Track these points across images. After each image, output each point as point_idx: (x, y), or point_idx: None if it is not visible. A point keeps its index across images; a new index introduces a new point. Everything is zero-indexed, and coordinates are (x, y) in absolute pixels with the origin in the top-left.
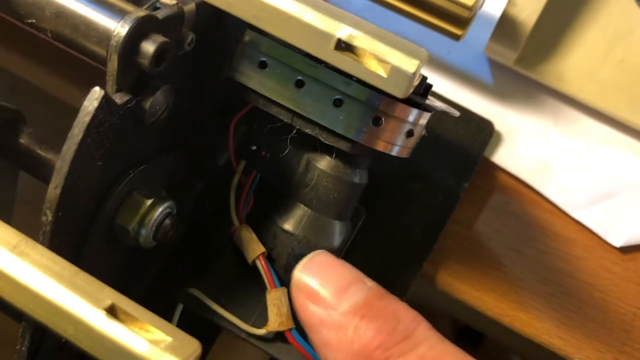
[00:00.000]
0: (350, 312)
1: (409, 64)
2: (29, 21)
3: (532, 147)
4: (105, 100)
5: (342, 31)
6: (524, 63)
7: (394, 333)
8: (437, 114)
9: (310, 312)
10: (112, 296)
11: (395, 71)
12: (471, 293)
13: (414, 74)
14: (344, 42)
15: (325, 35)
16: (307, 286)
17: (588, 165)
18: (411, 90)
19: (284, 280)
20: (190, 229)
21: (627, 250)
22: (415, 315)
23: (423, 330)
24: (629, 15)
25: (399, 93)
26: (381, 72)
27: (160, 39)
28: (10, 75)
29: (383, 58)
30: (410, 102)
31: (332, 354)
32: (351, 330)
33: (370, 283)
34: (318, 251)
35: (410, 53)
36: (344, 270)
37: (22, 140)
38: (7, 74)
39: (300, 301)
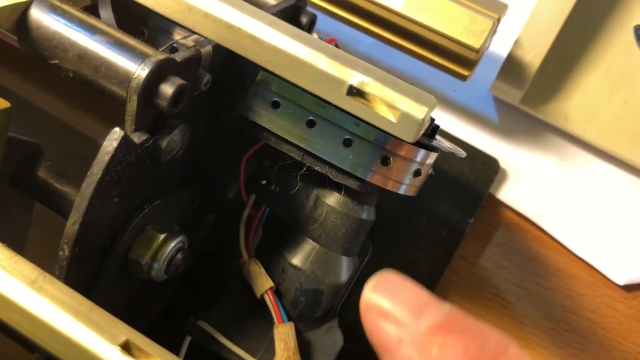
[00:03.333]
0: (432, 329)
1: (418, 110)
2: (53, 62)
3: (537, 184)
4: (124, 140)
5: (354, 78)
6: (530, 102)
7: (484, 350)
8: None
9: (385, 331)
10: (126, 332)
11: (404, 117)
12: None
13: (423, 119)
14: (356, 88)
15: (337, 81)
16: (379, 306)
17: (592, 203)
18: (420, 135)
19: (292, 315)
20: (199, 260)
21: (630, 288)
22: (502, 334)
23: (515, 349)
24: (633, 58)
25: (408, 137)
26: (391, 117)
27: (178, 81)
28: (28, 106)
29: (393, 104)
30: (418, 142)
31: None
32: (436, 348)
33: (447, 304)
34: (387, 270)
35: (420, 100)
36: (418, 290)
37: (40, 174)
38: (25, 105)
39: (371, 321)
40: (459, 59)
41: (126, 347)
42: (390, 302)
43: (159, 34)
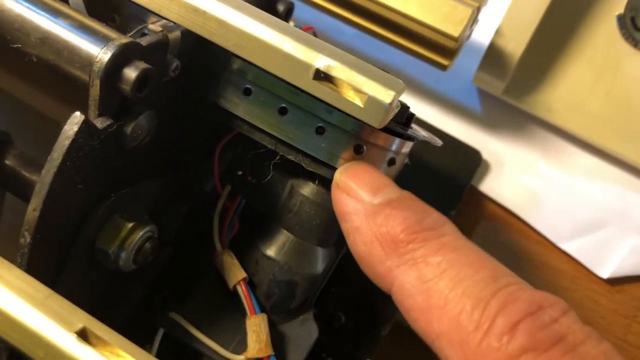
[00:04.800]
0: (382, 204)
1: (385, 95)
2: (15, 46)
3: (520, 176)
4: (86, 125)
5: (321, 61)
6: (512, 93)
7: (421, 222)
8: (423, 143)
9: (345, 202)
10: (84, 319)
11: (371, 101)
12: None
13: (390, 104)
14: (323, 72)
15: (304, 65)
16: (346, 184)
17: (575, 196)
18: (388, 120)
19: (265, 306)
20: (174, 252)
21: (614, 282)
22: (444, 216)
23: (450, 226)
24: (616, 48)
25: (376, 123)
26: (358, 102)
27: (142, 65)
28: None
29: (360, 88)
30: (392, 131)
31: (361, 237)
32: (382, 216)
33: (404, 191)
34: (356, 162)
35: (387, 84)
36: (380, 176)
37: (7, 162)
38: None
39: (337, 196)
40: (438, 48)
41: (83, 335)
42: (354, 183)
43: (132, 21)
